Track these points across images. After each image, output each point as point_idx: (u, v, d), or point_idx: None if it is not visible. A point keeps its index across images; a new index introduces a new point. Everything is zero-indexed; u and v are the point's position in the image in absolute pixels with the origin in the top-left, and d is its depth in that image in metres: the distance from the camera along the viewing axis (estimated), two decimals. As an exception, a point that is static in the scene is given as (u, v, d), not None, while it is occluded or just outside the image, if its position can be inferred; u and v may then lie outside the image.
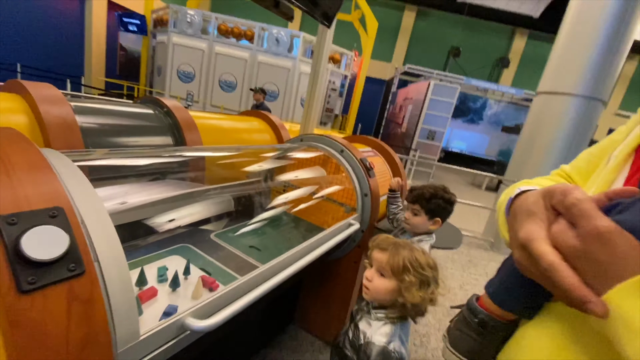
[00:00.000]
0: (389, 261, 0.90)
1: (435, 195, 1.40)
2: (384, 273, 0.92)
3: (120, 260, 0.55)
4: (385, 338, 0.89)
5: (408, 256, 0.91)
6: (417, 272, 0.89)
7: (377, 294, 0.93)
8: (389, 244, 0.95)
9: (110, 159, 0.87)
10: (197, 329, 0.67)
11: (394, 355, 0.88)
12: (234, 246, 1.33)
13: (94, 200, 0.57)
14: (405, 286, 0.87)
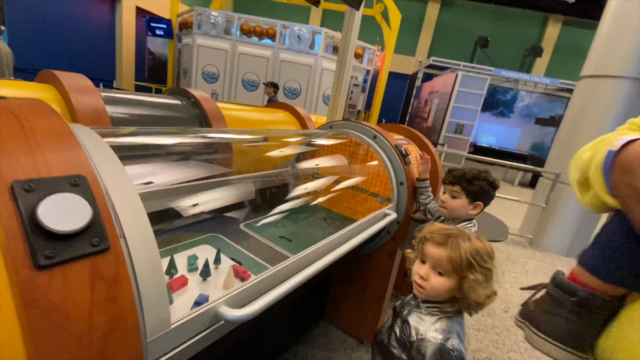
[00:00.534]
0: (450, 257, 0.79)
1: (477, 176, 1.27)
2: (444, 272, 0.81)
3: (148, 239, 0.49)
4: (442, 335, 0.79)
5: (470, 249, 0.78)
6: (482, 267, 0.78)
7: (436, 294, 0.83)
8: (446, 237, 0.82)
9: (136, 137, 0.82)
10: (232, 318, 0.60)
11: (453, 354, 0.77)
12: (264, 236, 1.27)
13: (120, 172, 0.51)
14: (470, 285, 0.77)
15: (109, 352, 0.41)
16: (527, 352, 1.95)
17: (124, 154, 0.68)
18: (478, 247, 0.80)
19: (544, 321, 0.62)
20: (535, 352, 1.97)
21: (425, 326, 0.83)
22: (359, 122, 1.55)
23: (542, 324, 0.63)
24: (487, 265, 0.78)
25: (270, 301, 0.66)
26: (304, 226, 1.50)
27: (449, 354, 0.77)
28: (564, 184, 3.52)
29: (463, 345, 0.82)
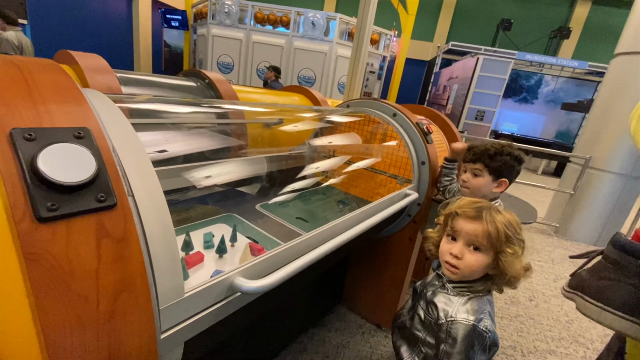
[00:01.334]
0: (487, 231, 0.74)
1: (501, 151, 1.18)
2: (480, 247, 0.76)
3: (159, 200, 0.45)
4: (473, 316, 0.74)
5: (504, 221, 0.73)
6: (518, 239, 0.73)
7: (471, 272, 0.77)
8: (478, 210, 0.76)
9: (148, 104, 0.80)
10: (248, 289, 0.57)
11: (487, 335, 0.72)
12: (280, 216, 1.24)
13: (128, 130, 0.48)
14: (507, 260, 0.72)
15: (118, 314, 0.38)
16: (553, 341, 1.87)
17: (135, 120, 0.65)
18: (510, 218, 0.75)
19: (602, 289, 0.56)
20: (562, 341, 1.88)
21: (455, 307, 0.77)
22: (378, 100, 1.48)
23: (599, 292, 0.56)
24: (521, 236, 0.74)
25: (286, 274, 0.63)
26: (320, 207, 1.46)
27: (482, 336, 0.72)
28: (595, 170, 3.33)
29: (495, 325, 0.77)
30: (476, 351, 0.72)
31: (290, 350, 1.50)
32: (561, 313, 2.16)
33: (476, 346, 0.72)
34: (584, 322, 2.09)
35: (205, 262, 0.90)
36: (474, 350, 0.72)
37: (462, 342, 0.72)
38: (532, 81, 12.00)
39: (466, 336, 0.72)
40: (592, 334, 1.99)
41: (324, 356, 1.51)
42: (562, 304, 2.26)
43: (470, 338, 0.72)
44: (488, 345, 0.74)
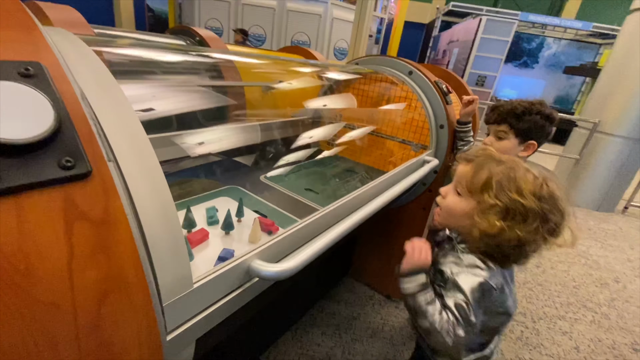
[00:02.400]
0: (469, 174, 0.68)
1: (529, 110, 1.05)
2: (460, 190, 0.70)
3: (151, 165, 0.34)
4: (485, 272, 0.65)
5: (498, 172, 0.64)
6: (506, 195, 0.62)
7: (449, 215, 0.72)
8: (480, 154, 0.70)
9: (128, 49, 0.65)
10: (268, 274, 0.47)
11: (495, 292, 0.64)
12: (288, 188, 1.13)
13: (101, 71, 0.35)
14: (481, 208, 0.64)
15: (107, 323, 0.28)
16: (562, 307, 1.86)
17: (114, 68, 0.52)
18: (517, 175, 0.63)
19: None
20: (571, 306, 1.88)
21: (465, 262, 0.68)
22: (392, 57, 1.33)
23: None
24: (520, 200, 0.61)
25: (309, 256, 0.53)
26: (330, 178, 1.35)
27: (490, 292, 0.64)
28: (602, 134, 3.23)
29: (510, 290, 0.69)
30: (481, 306, 0.64)
31: (300, 324, 1.46)
32: (568, 278, 2.15)
33: (483, 301, 0.64)
34: (590, 287, 2.08)
35: (211, 240, 0.80)
36: (480, 306, 0.64)
37: (469, 292, 0.63)
38: (534, 44, 11.60)
39: (472, 288, 0.63)
40: (599, 298, 1.98)
41: (335, 329, 1.47)
42: (568, 269, 2.25)
43: (478, 292, 0.63)
44: (496, 307, 0.67)
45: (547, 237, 0.62)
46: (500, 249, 0.64)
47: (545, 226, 0.61)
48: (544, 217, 0.61)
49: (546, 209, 0.61)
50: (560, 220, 0.62)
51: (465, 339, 0.62)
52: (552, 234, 0.62)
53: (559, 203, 0.63)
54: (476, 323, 0.63)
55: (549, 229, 0.61)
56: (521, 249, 0.63)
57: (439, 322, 0.63)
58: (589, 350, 1.58)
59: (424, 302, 0.65)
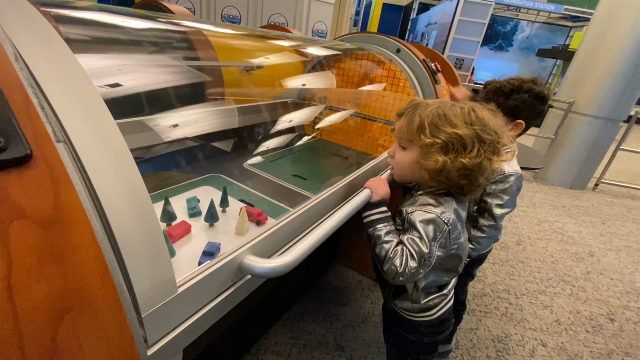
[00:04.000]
0: (405, 126, 0.71)
1: (519, 88, 1.03)
2: (402, 143, 0.73)
3: (117, 146, 0.27)
4: (436, 208, 0.68)
5: (428, 113, 0.67)
6: (441, 132, 0.65)
7: (402, 170, 0.75)
8: (409, 106, 0.73)
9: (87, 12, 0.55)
10: (263, 271, 0.41)
11: (446, 228, 0.67)
12: (274, 175, 1.07)
13: (45, 29, 0.27)
14: (424, 151, 0.68)
15: (67, 350, 0.22)
16: (542, 282, 1.93)
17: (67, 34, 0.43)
18: (446, 112, 0.67)
19: None
20: (550, 281, 1.95)
21: (419, 202, 0.71)
22: (380, 34, 1.26)
23: None
24: (454, 130, 0.65)
25: (306, 250, 0.48)
26: (317, 163, 1.30)
27: (441, 226, 0.66)
28: (576, 114, 3.33)
29: (462, 226, 0.73)
30: (437, 241, 0.67)
31: (291, 314, 1.42)
32: (546, 254, 2.23)
33: (435, 235, 0.67)
34: (567, 262, 2.17)
35: (194, 233, 0.73)
36: (433, 239, 0.67)
37: (420, 227, 0.66)
38: (508, 27, 11.80)
39: (424, 223, 0.66)
40: (575, 272, 2.07)
41: (325, 316, 1.45)
42: (546, 246, 2.34)
43: (428, 225, 0.66)
44: (450, 243, 0.69)
45: (490, 157, 0.66)
46: (452, 182, 0.67)
47: (484, 146, 0.65)
48: (480, 139, 0.65)
49: (479, 130, 0.65)
50: (496, 137, 0.67)
51: (416, 270, 0.66)
52: (493, 152, 0.67)
53: (489, 123, 0.67)
54: (429, 256, 0.66)
55: (489, 149, 0.66)
56: (470, 176, 0.66)
57: (393, 250, 0.67)
58: (569, 322, 1.65)
59: (384, 230, 0.69)
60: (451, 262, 0.76)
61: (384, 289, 0.89)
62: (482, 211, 0.99)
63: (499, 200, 0.95)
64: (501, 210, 0.95)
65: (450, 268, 0.78)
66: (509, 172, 0.93)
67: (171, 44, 0.94)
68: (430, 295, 0.80)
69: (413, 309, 0.82)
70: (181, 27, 0.94)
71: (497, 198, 0.95)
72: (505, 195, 0.95)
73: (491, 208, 0.96)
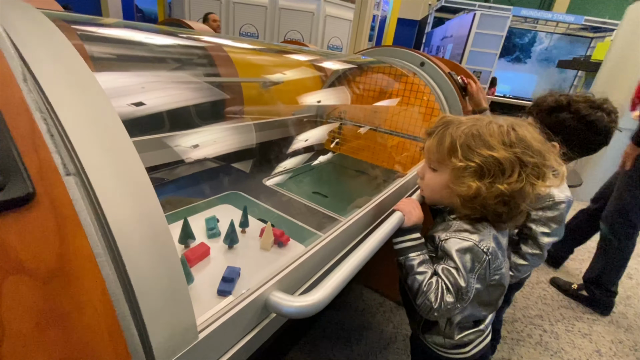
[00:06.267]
0: (435, 146, 0.66)
1: (563, 106, 0.89)
2: (432, 164, 0.68)
3: (138, 177, 0.23)
4: (474, 235, 0.61)
5: (461, 134, 0.61)
6: (475, 154, 0.59)
7: (431, 193, 0.70)
8: (439, 124, 0.67)
9: (105, 28, 0.54)
10: (292, 311, 0.37)
11: (485, 257, 0.60)
12: (295, 192, 1.03)
13: (62, 45, 0.24)
14: (455, 174, 0.62)
15: None
16: (578, 307, 1.79)
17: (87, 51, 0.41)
18: (481, 130, 0.60)
19: None
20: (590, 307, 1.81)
21: (453, 227, 0.64)
22: (402, 47, 1.23)
23: None
24: (490, 152, 0.58)
25: (340, 283, 0.43)
26: (338, 180, 1.25)
27: (480, 256, 0.59)
28: (605, 126, 3.18)
29: (503, 254, 0.65)
30: (475, 273, 0.60)
31: (309, 337, 1.35)
32: (580, 276, 2.08)
33: (474, 267, 0.60)
34: (604, 285, 2.01)
35: (212, 256, 0.70)
36: (471, 271, 0.60)
37: (457, 257, 0.60)
38: (526, 39, 11.63)
39: (461, 251, 0.60)
40: (615, 296, 1.91)
41: (345, 341, 1.37)
42: (579, 267, 2.18)
43: (465, 255, 0.60)
44: (489, 274, 0.62)
45: (534, 181, 0.59)
46: (488, 209, 0.61)
47: (526, 170, 0.58)
48: (521, 162, 0.58)
49: (520, 153, 0.58)
50: (541, 160, 0.60)
51: (453, 306, 0.60)
52: (537, 176, 0.59)
53: (532, 144, 0.59)
54: (467, 290, 0.59)
55: (533, 172, 0.59)
56: (510, 203, 0.59)
57: (427, 283, 0.61)
58: (611, 353, 1.50)
59: (417, 260, 0.63)
60: (491, 295, 0.69)
61: (413, 319, 0.82)
62: (525, 237, 0.90)
63: (546, 228, 0.86)
64: (548, 239, 0.86)
65: (490, 301, 0.70)
66: (560, 198, 0.84)
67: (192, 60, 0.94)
68: (465, 331, 0.72)
69: (445, 344, 0.74)
70: (202, 43, 0.93)
71: (544, 226, 0.86)
72: (554, 223, 0.86)
73: (537, 236, 0.87)
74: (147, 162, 0.86)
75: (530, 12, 9.64)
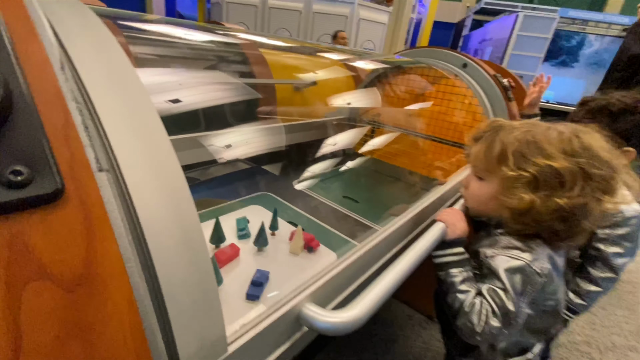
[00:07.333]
0: (483, 153, 0.60)
1: (631, 108, 0.82)
2: (479, 173, 0.62)
3: (174, 178, 0.21)
4: (526, 254, 0.54)
5: (513, 139, 0.55)
6: (530, 163, 0.52)
7: (477, 204, 0.64)
8: (488, 128, 0.62)
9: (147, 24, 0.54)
10: (326, 327, 0.34)
11: (540, 279, 0.53)
12: (325, 196, 1.00)
13: (105, 37, 0.23)
14: (505, 185, 0.56)
15: None
16: (632, 335, 1.61)
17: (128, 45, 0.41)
18: (538, 138, 0.54)
19: None
20: (643, 335, 1.62)
21: (501, 244, 0.58)
22: (442, 48, 1.17)
23: None
24: (546, 162, 0.51)
25: (380, 298, 0.40)
26: (369, 185, 1.21)
27: (533, 278, 0.52)
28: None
29: (560, 276, 0.58)
30: (526, 296, 0.53)
31: (332, 346, 1.32)
32: (634, 301, 1.88)
33: (525, 289, 0.53)
34: (664, 313, 1.80)
35: (242, 257, 0.69)
36: (521, 294, 0.53)
37: (505, 277, 0.53)
38: (574, 42, 10.89)
39: (510, 273, 0.53)
40: (677, 327, 1.71)
41: (372, 353, 1.32)
42: (633, 290, 1.97)
43: (516, 276, 0.53)
44: (543, 299, 0.56)
45: (600, 196, 0.52)
46: (543, 225, 0.54)
47: (591, 184, 0.51)
48: (585, 174, 0.51)
49: (584, 163, 0.51)
50: (609, 172, 0.52)
51: (498, 331, 0.53)
52: (605, 191, 0.52)
53: (599, 153, 0.52)
54: (516, 315, 0.53)
55: (599, 186, 0.51)
56: (570, 220, 0.52)
57: (470, 303, 0.55)
58: (673, 392, 1.33)
59: (459, 277, 0.58)
60: (543, 322, 0.62)
61: (449, 339, 0.76)
62: (592, 259, 0.80)
63: (619, 248, 0.76)
64: (622, 259, 0.76)
65: (541, 329, 0.63)
66: (630, 213, 0.75)
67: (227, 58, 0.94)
68: (509, 359, 0.66)
69: None
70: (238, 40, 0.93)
71: (615, 245, 0.76)
72: (627, 242, 0.76)
73: (608, 257, 0.77)
74: (180, 161, 0.87)
75: (579, 13, 9.03)
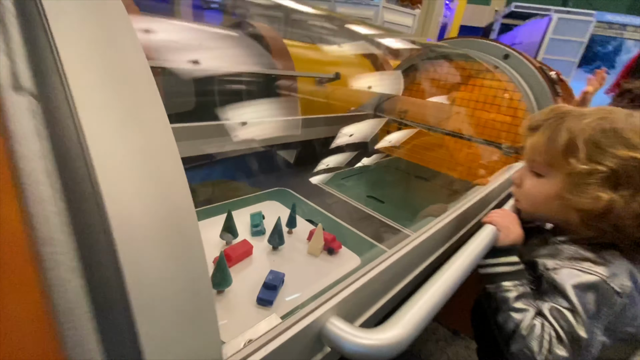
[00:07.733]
0: (543, 143, 0.51)
1: None
2: (537, 168, 0.53)
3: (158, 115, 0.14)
4: (600, 267, 0.44)
5: (584, 127, 0.46)
6: (608, 155, 0.44)
7: (533, 205, 0.55)
8: (549, 116, 0.52)
9: None
10: (357, 350, 0.25)
11: (617, 299, 0.43)
12: (347, 195, 0.92)
13: None
14: (573, 181, 0.47)
15: None
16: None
17: None
18: (617, 126, 0.45)
19: None
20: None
21: (565, 253, 0.48)
22: (483, 38, 1.07)
23: None
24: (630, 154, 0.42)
25: (428, 314, 0.31)
26: (395, 185, 1.12)
27: (610, 298, 0.43)
28: None
29: None
30: (601, 320, 0.43)
31: None
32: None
33: (600, 311, 0.43)
34: None
35: (255, 256, 0.62)
36: (595, 317, 0.43)
37: (574, 295, 0.43)
38: (610, 47, 10.35)
39: (581, 291, 0.43)
40: None
41: (391, 368, 1.21)
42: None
43: (588, 294, 0.43)
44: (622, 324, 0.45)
45: None
46: (623, 232, 0.44)
47: None
48: None
49: None
50: None
51: None
52: None
53: None
54: (589, 343, 0.43)
55: None
56: None
57: (528, 326, 0.45)
58: None
59: (514, 293, 0.48)
60: (617, 354, 0.51)
61: None
62: None
63: None
64: None
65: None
66: None
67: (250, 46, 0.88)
68: None
69: None
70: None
71: None
72: None
73: None
74: (195, 151, 0.82)
75: (616, 17, 8.58)
